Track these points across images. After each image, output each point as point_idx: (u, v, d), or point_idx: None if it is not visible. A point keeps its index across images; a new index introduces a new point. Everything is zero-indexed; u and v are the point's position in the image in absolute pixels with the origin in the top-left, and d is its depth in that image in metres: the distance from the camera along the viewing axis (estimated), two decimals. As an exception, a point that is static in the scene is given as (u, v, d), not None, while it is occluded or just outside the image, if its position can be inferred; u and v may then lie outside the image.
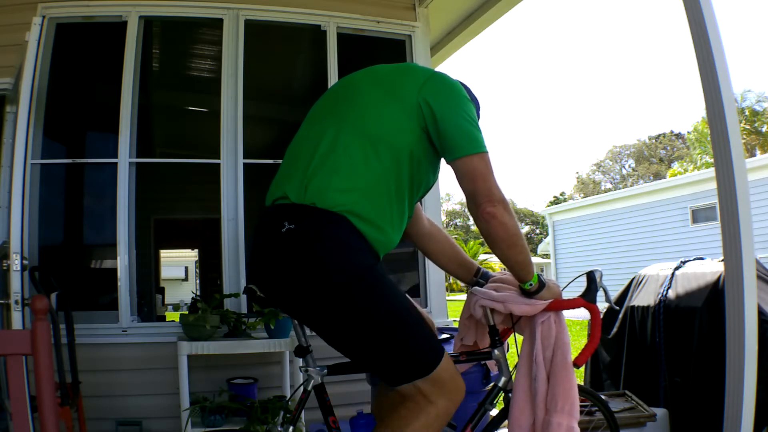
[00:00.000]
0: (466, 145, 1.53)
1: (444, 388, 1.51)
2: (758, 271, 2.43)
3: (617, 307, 3.38)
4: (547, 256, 20.20)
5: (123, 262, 3.10)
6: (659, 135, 39.65)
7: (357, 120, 1.55)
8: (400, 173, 1.53)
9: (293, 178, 1.54)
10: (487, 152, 1.55)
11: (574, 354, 1.68)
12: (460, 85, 1.64)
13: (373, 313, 1.45)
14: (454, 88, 1.60)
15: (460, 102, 1.57)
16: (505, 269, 1.75)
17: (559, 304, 1.70)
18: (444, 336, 2.45)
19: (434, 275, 3.54)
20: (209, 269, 9.41)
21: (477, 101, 1.79)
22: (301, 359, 1.62)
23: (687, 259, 3.34)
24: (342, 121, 1.56)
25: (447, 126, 1.53)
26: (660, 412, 2.69)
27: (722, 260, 2.49)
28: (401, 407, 1.52)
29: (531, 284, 1.67)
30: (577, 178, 43.43)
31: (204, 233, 8.94)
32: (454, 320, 2.99)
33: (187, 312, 2.84)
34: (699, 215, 12.46)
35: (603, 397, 2.07)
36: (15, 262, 2.42)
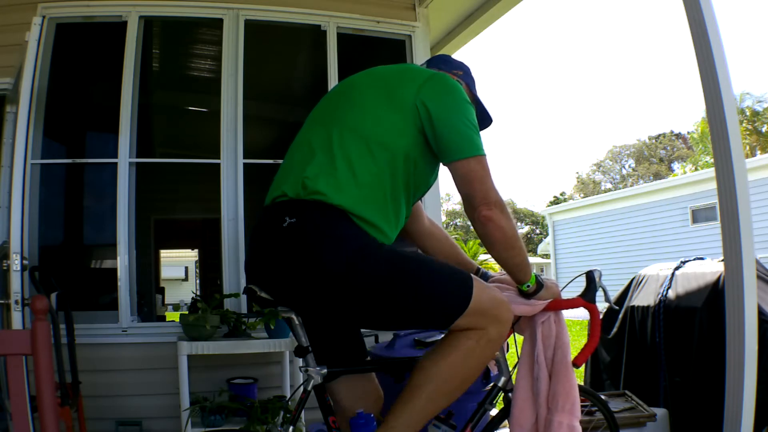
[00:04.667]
0: (463, 148, 1.53)
1: (488, 315, 1.53)
2: (758, 271, 2.43)
3: (617, 307, 3.38)
4: (547, 256, 20.20)
5: (123, 262, 3.10)
6: (659, 135, 39.62)
7: (354, 122, 1.55)
8: (396, 174, 1.54)
9: (291, 177, 1.55)
10: (484, 155, 1.55)
11: (573, 354, 1.68)
12: (460, 86, 1.63)
13: (386, 280, 1.46)
14: (453, 89, 1.59)
15: (458, 104, 1.57)
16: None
17: (559, 304, 1.70)
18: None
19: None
20: (209, 269, 9.41)
21: (466, 68, 1.80)
22: (301, 359, 1.62)
23: (687, 259, 3.34)
24: (339, 123, 1.57)
25: (443, 128, 1.53)
26: (660, 412, 2.69)
27: (722, 260, 2.49)
28: (454, 332, 1.56)
29: (529, 286, 1.67)
30: (577, 178, 43.41)
31: (204, 233, 8.93)
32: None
33: (187, 312, 2.84)
34: (699, 215, 12.46)
35: (603, 397, 2.07)
36: (15, 262, 2.42)
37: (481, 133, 1.64)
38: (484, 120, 1.80)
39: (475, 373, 1.58)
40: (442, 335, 2.40)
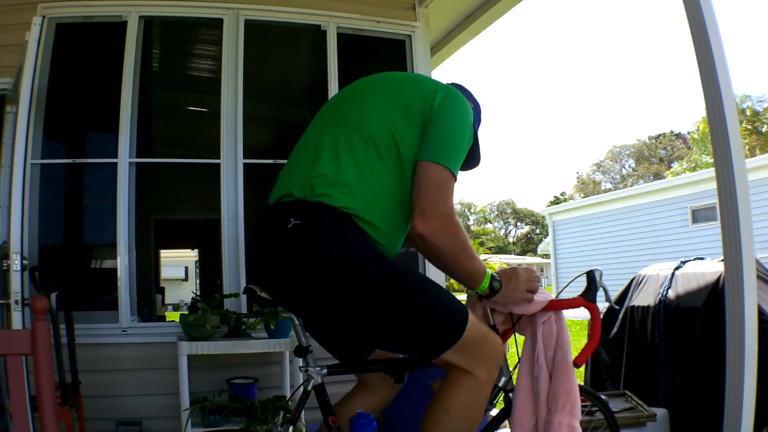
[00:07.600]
0: (439, 154, 1.47)
1: (478, 355, 1.50)
2: (758, 271, 2.43)
3: (617, 307, 3.38)
4: (547, 256, 20.20)
5: (123, 262, 3.10)
6: (659, 135, 39.63)
7: (362, 123, 1.54)
8: (404, 177, 1.52)
9: (297, 177, 1.54)
10: (453, 175, 1.47)
11: (574, 354, 1.68)
12: (469, 105, 1.60)
13: (383, 294, 1.44)
14: (463, 104, 1.57)
15: (459, 117, 1.54)
16: (504, 268, 1.75)
17: (559, 304, 1.70)
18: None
19: (434, 275, 3.54)
20: (209, 269, 9.41)
21: (477, 104, 1.79)
22: (301, 359, 1.62)
23: (687, 259, 3.34)
24: (348, 124, 1.56)
25: (434, 127, 1.51)
26: (660, 412, 2.69)
27: (722, 260, 2.49)
28: (444, 384, 1.53)
29: (478, 293, 1.61)
30: (577, 178, 43.42)
31: (204, 233, 8.93)
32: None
33: (187, 312, 2.84)
34: (699, 215, 12.45)
35: (603, 397, 2.06)
36: (15, 262, 2.42)
37: (480, 133, 1.62)
38: (474, 159, 1.72)
39: (480, 414, 1.56)
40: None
